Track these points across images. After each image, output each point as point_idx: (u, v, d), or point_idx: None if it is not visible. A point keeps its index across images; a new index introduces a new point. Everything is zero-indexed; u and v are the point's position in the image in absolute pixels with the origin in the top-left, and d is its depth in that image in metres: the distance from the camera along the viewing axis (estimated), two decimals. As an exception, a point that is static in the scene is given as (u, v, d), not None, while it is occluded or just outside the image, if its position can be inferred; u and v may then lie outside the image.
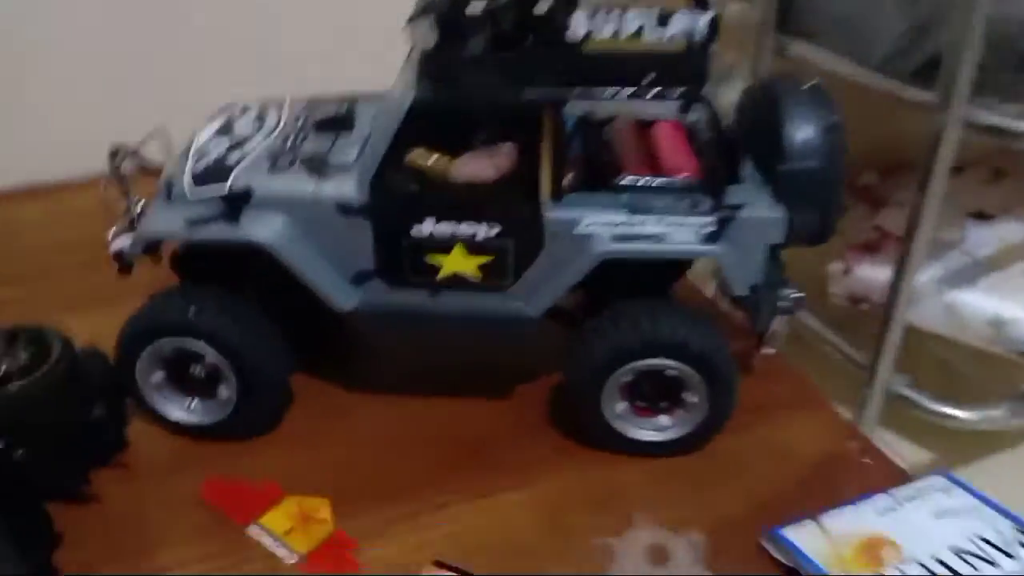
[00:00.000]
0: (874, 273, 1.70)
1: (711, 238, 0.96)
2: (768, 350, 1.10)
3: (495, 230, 0.97)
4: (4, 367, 0.93)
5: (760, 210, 0.96)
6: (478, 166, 0.96)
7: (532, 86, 0.92)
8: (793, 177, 0.96)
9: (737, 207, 0.95)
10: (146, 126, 1.06)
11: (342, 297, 1.02)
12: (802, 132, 0.97)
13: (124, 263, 1.04)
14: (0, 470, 0.90)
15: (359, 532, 0.96)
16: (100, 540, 0.95)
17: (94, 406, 0.99)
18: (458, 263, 0.99)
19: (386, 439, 1.09)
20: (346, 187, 0.97)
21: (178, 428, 1.07)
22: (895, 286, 1.54)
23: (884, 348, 1.59)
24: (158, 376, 1.04)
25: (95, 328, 1.05)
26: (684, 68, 0.91)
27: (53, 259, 1.40)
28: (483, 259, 0.98)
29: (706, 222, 0.95)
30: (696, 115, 0.97)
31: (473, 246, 0.98)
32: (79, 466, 0.98)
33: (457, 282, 1.00)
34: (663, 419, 1.04)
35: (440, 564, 0.90)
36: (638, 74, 0.91)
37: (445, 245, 0.98)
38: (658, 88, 0.91)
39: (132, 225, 1.04)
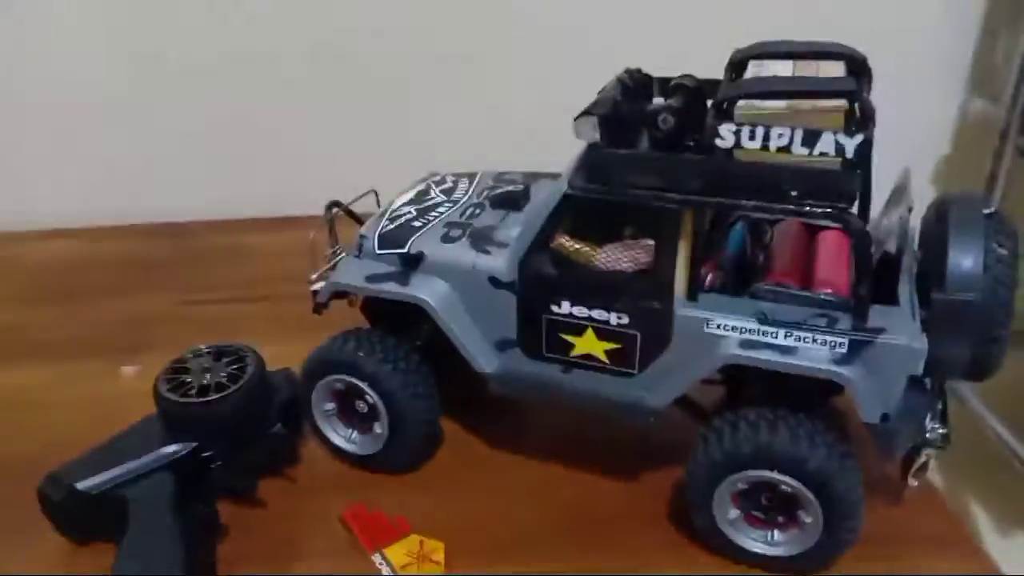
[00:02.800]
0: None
1: (842, 360, 0.94)
2: (913, 482, 1.04)
3: (624, 319, 1.01)
4: (207, 379, 1.13)
5: (900, 338, 0.92)
6: (619, 257, 1.02)
7: (680, 189, 0.96)
8: (947, 308, 0.92)
9: (876, 331, 0.93)
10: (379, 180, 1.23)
11: (484, 359, 1.11)
12: (965, 260, 0.92)
13: (318, 304, 1.20)
14: (188, 466, 1.09)
15: (465, 580, 1.03)
16: (256, 540, 1.10)
17: (275, 421, 1.17)
18: (589, 345, 1.05)
19: (514, 499, 1.16)
20: (499, 263, 1.07)
21: (340, 453, 1.21)
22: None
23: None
24: (329, 406, 1.20)
25: (296, 352, 1.21)
26: (833, 186, 0.91)
27: (279, 286, 1.57)
28: (612, 345, 1.03)
29: (838, 342, 0.93)
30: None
31: (604, 332, 1.03)
32: (254, 471, 1.15)
33: (587, 362, 1.06)
34: (776, 534, 1.01)
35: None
36: (786, 187, 0.93)
37: (578, 327, 1.04)
38: (804, 204, 0.92)
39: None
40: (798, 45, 1.03)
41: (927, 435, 0.98)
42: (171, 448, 1.10)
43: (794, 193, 0.91)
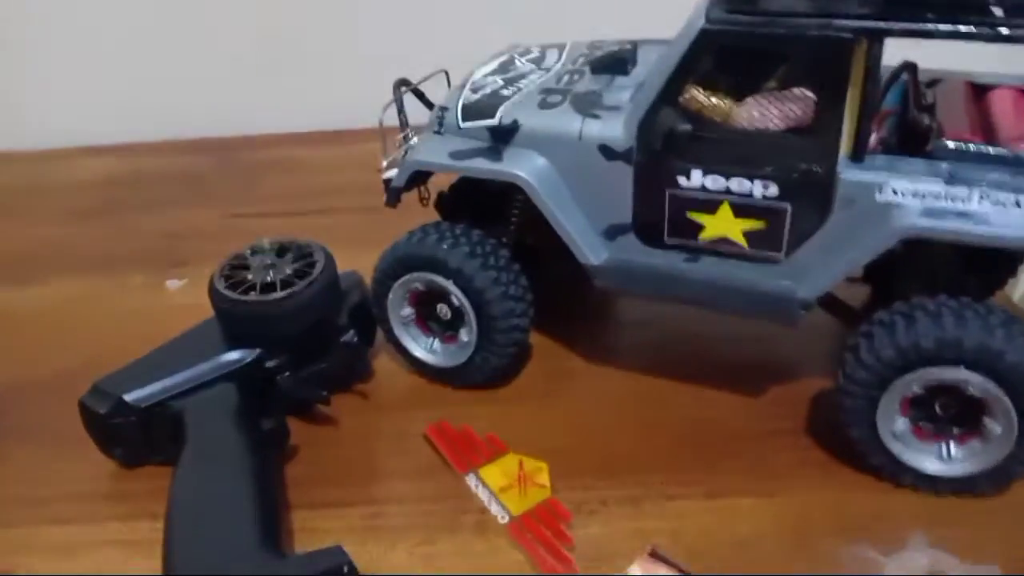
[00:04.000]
0: None
1: (1047, 225, 0.76)
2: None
3: (772, 189, 0.83)
4: (270, 276, 0.97)
5: None
6: (765, 112, 0.83)
7: (846, 17, 0.77)
8: None
9: None
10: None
11: (592, 250, 0.94)
12: None
13: (392, 194, 1.04)
14: (251, 376, 0.95)
15: (575, 505, 0.88)
16: (327, 462, 0.96)
17: (346, 329, 1.02)
18: (724, 225, 0.87)
19: (620, 414, 1.00)
20: (612, 128, 0.89)
21: (419, 366, 1.06)
22: None
23: None
24: (407, 311, 1.04)
25: (357, 266, 1.08)
26: None
27: (333, 199, 1.48)
28: (754, 223, 0.86)
29: (1043, 204, 0.75)
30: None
31: (744, 207, 0.85)
32: (323, 383, 1.00)
33: (721, 248, 0.89)
34: (954, 448, 0.84)
35: (656, 555, 0.80)
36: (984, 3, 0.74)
37: (711, 202, 0.86)
38: (1014, 23, 0.73)
39: (405, 156, 1.05)
40: None
41: None
42: (232, 355, 0.96)
43: (998, 9, 0.72)
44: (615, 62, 0.97)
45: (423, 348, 1.05)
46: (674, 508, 0.87)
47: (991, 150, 0.79)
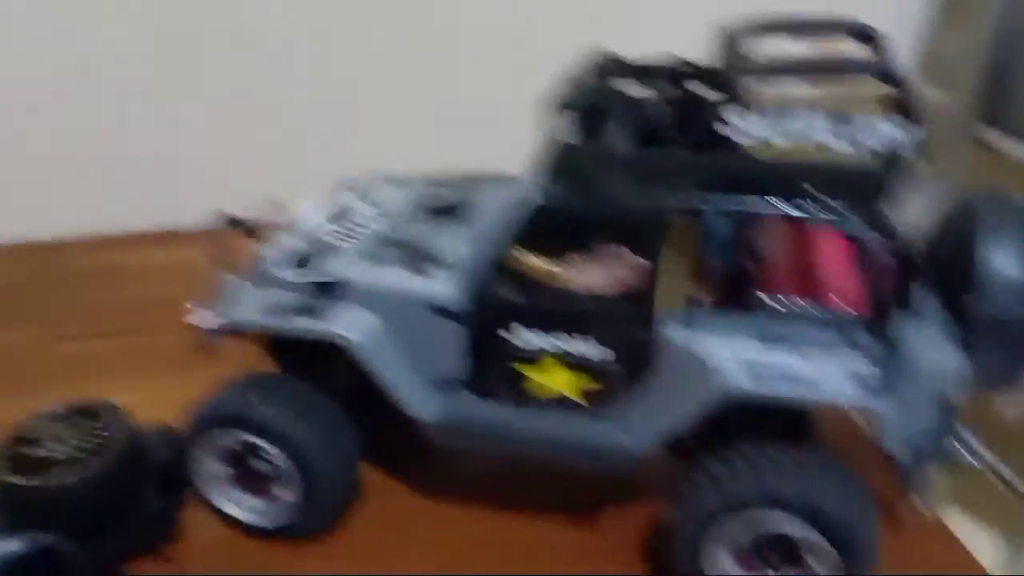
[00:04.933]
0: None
1: (870, 388, 0.80)
2: (921, 508, 0.92)
3: (599, 349, 0.84)
4: (45, 452, 0.86)
5: (935, 358, 0.80)
6: (588, 274, 0.84)
7: (680, 191, 0.80)
8: (988, 324, 0.80)
9: (904, 350, 0.80)
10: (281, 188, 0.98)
11: (423, 406, 0.90)
12: (1006, 269, 0.80)
13: (202, 344, 0.95)
14: (37, 567, 0.83)
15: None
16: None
17: (150, 494, 0.92)
18: (555, 380, 0.86)
19: (450, 558, 0.96)
20: (441, 286, 0.86)
21: (236, 525, 0.97)
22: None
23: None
24: (219, 469, 0.95)
25: (182, 396, 0.96)
26: (873, 185, 0.78)
27: (152, 313, 1.30)
28: (585, 380, 0.86)
29: (863, 366, 0.80)
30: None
31: (574, 364, 0.85)
32: (121, 555, 0.90)
33: (552, 402, 0.88)
34: (780, 586, 0.87)
35: None
36: (816, 186, 0.78)
37: (544, 360, 0.86)
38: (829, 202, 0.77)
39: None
40: (801, 17, 0.88)
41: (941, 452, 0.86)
42: (12, 545, 0.83)
43: (820, 193, 0.77)
44: (452, 209, 0.95)
45: (239, 507, 0.96)
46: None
47: (808, 309, 0.82)
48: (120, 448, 0.89)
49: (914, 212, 0.92)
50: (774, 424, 0.87)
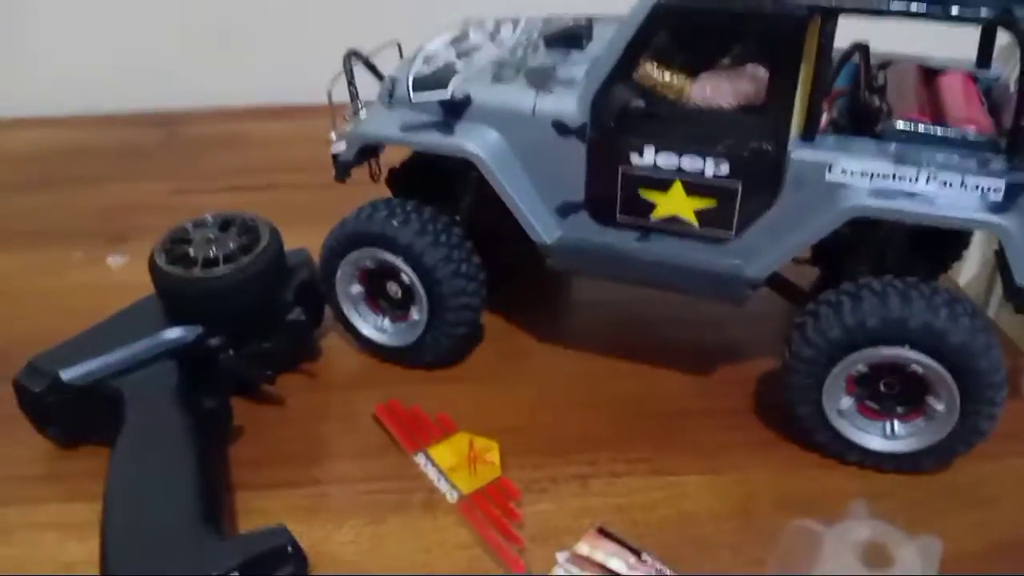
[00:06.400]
0: None
1: (997, 208, 0.77)
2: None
3: (723, 168, 0.83)
4: (213, 251, 0.95)
5: None
6: (718, 90, 0.83)
7: None
8: None
9: None
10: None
11: (544, 228, 0.93)
12: None
13: (340, 168, 1.02)
14: (193, 354, 0.92)
15: (525, 483, 0.88)
16: (273, 442, 0.94)
17: (293, 306, 0.99)
18: (676, 204, 0.87)
19: (570, 393, 1.00)
20: (565, 103, 0.88)
21: (368, 345, 1.04)
22: None
23: None
24: (356, 289, 1.02)
25: (305, 244, 1.05)
26: None
27: (282, 176, 1.44)
28: (705, 202, 0.86)
29: (993, 186, 0.76)
30: (995, 72, 0.78)
31: (696, 186, 0.85)
32: (269, 362, 0.98)
33: (672, 227, 0.88)
34: (897, 425, 0.86)
35: (603, 532, 0.79)
36: None
37: (664, 181, 0.86)
38: (963, 3, 0.73)
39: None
40: None
41: None
42: (172, 333, 0.93)
43: None
44: (570, 37, 0.96)
45: (372, 327, 1.03)
46: (621, 485, 0.87)
47: (939, 131, 0.79)
48: (267, 255, 0.96)
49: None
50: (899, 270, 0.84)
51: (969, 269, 1.52)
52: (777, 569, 0.74)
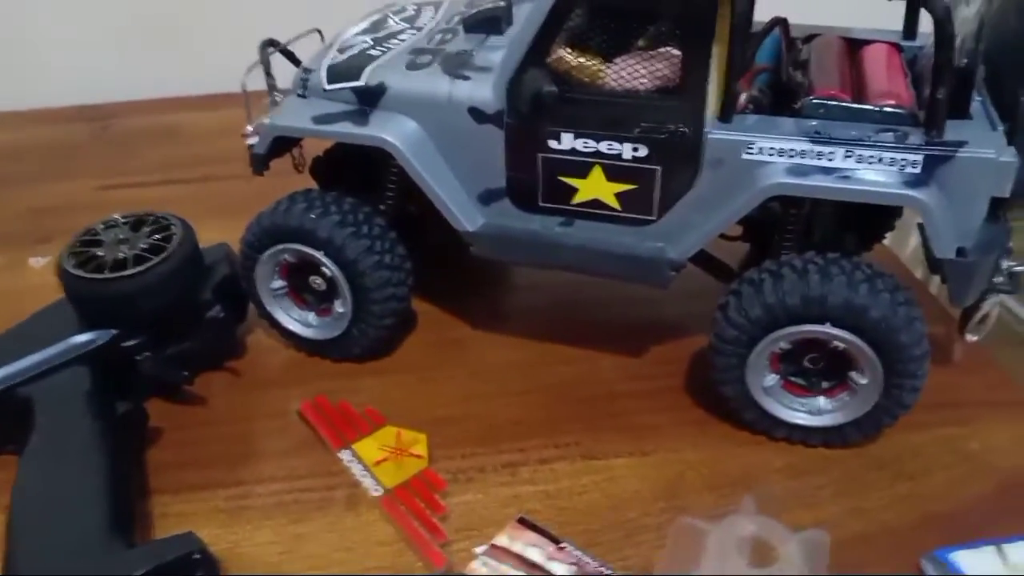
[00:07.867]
0: None
1: (915, 181, 0.76)
2: (972, 337, 0.88)
3: (642, 151, 0.82)
4: (122, 252, 0.91)
5: (984, 151, 0.75)
6: (633, 72, 0.81)
7: None
8: None
9: (955, 145, 0.75)
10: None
11: (466, 216, 0.91)
12: None
13: (256, 161, 0.99)
14: (107, 359, 0.89)
15: (453, 474, 0.86)
16: (195, 444, 0.91)
17: (212, 302, 0.96)
18: (596, 188, 0.85)
19: (503, 381, 0.99)
20: (481, 90, 0.86)
21: (294, 339, 1.02)
22: None
23: None
24: (278, 284, 0.99)
25: (231, 236, 1.02)
26: None
27: (210, 167, 1.40)
28: (625, 185, 0.84)
29: (911, 160, 0.76)
30: (920, 42, 0.77)
31: (616, 169, 0.84)
32: (190, 362, 0.95)
33: (593, 211, 0.87)
34: (821, 401, 0.86)
35: (523, 522, 0.78)
36: None
37: (583, 165, 0.85)
38: None
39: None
40: None
41: (995, 278, 0.82)
42: (83, 337, 0.90)
43: None
44: (488, 20, 0.93)
45: (297, 321, 1.01)
46: (550, 471, 0.86)
47: (857, 106, 0.79)
48: (180, 254, 0.93)
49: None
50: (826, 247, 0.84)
51: (915, 239, 1.53)
52: (663, 569, 0.73)
